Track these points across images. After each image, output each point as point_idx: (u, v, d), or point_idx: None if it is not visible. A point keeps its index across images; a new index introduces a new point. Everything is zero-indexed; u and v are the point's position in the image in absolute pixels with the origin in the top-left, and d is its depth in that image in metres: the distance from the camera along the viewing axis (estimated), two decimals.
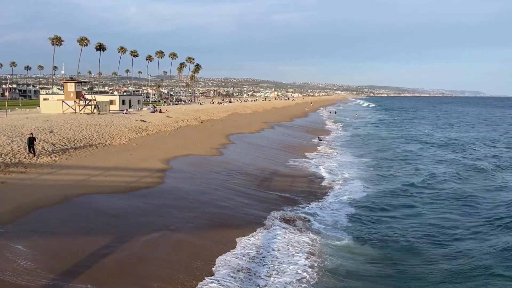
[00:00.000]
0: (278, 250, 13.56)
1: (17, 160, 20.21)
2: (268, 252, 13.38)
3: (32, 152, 21.64)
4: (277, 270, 12.20)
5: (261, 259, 12.80)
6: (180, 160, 25.47)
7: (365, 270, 12.89)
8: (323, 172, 27.23)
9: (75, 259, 11.04)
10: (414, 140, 47.58)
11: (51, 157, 22.01)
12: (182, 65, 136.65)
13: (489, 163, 31.13)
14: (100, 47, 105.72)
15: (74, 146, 25.37)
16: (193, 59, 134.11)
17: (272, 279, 11.69)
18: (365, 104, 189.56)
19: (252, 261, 12.58)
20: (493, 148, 40.89)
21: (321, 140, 44.87)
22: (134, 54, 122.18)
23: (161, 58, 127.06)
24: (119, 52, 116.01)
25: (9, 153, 21.04)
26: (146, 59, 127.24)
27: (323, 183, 24.04)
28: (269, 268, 12.35)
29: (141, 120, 40.95)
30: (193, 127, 43.23)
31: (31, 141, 21.87)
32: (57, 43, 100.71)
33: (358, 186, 23.41)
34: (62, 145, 24.93)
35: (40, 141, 24.61)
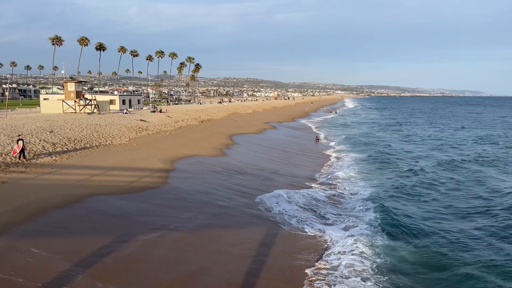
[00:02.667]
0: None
1: (17, 160, 20.19)
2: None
3: (22, 155, 20.52)
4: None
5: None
6: (181, 160, 25.41)
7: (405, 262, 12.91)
8: (336, 170, 27.73)
9: (76, 259, 11.03)
10: (412, 139, 48.28)
11: (51, 157, 21.99)
12: (182, 65, 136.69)
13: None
14: (100, 47, 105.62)
15: (74, 146, 25.34)
16: (193, 59, 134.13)
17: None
18: (351, 105, 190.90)
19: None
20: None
21: (318, 139, 44.91)
22: (134, 54, 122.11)
23: (161, 58, 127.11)
24: (119, 52, 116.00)
25: (10, 152, 21.01)
26: (146, 59, 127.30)
27: (338, 181, 24.32)
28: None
29: (141, 120, 40.94)
30: (193, 127, 43.20)
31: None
32: (58, 43, 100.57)
33: (368, 184, 23.74)
34: (62, 145, 24.91)
35: (40, 140, 24.60)
